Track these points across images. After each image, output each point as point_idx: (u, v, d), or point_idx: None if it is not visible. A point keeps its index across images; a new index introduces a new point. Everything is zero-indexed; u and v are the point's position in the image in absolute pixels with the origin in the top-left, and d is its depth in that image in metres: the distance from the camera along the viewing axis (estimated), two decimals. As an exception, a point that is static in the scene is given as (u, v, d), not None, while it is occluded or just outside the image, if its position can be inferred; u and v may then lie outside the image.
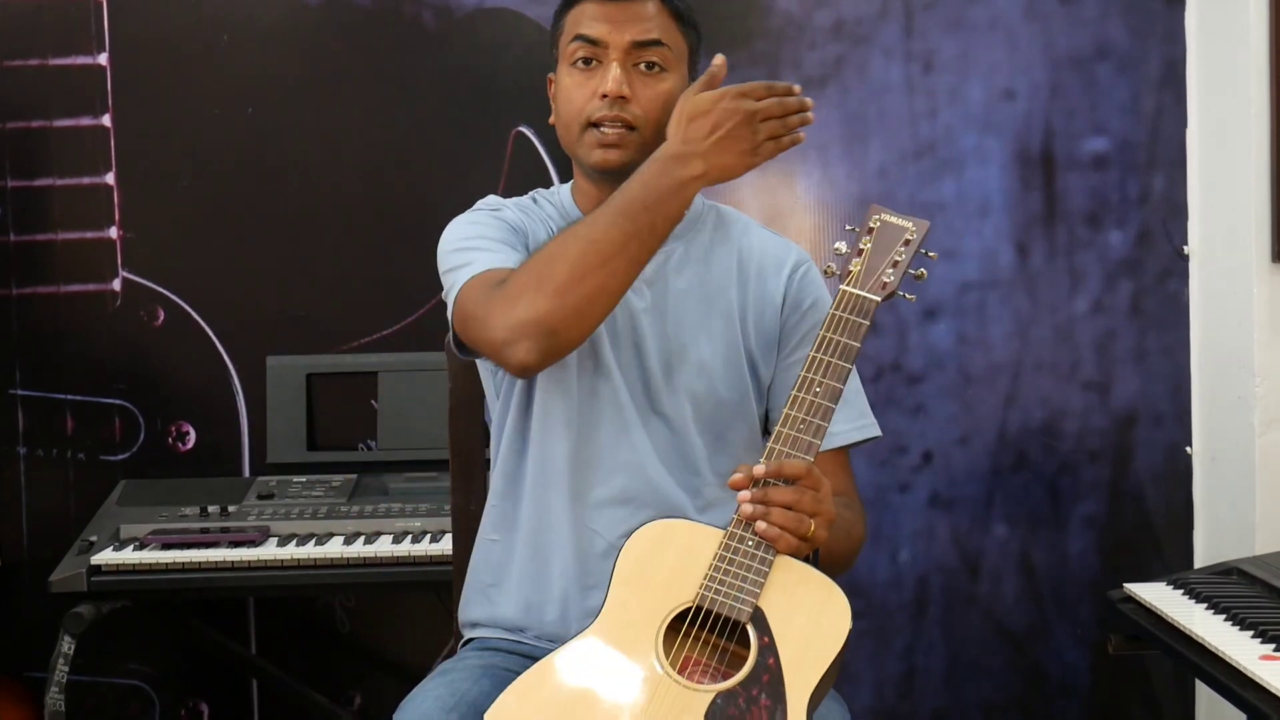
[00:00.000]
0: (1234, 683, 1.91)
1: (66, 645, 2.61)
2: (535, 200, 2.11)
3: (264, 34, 3.13)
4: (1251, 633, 2.01)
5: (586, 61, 1.97)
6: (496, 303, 1.83)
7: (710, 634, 1.74)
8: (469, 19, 3.13)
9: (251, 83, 3.13)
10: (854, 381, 2.04)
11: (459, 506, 2.17)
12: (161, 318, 3.14)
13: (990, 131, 3.15)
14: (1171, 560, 3.14)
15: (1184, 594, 2.24)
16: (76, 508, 3.11)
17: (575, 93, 1.98)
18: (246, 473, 3.15)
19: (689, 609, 1.75)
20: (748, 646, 1.72)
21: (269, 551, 2.66)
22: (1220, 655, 1.96)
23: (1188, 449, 3.14)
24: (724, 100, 1.77)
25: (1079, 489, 3.18)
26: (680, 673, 1.72)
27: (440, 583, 2.45)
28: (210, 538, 2.71)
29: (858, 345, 1.80)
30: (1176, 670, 3.13)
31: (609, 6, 1.97)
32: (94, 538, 2.74)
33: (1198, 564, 3.10)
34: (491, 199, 2.09)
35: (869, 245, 1.85)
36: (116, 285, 3.14)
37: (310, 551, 2.65)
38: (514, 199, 2.10)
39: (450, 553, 2.20)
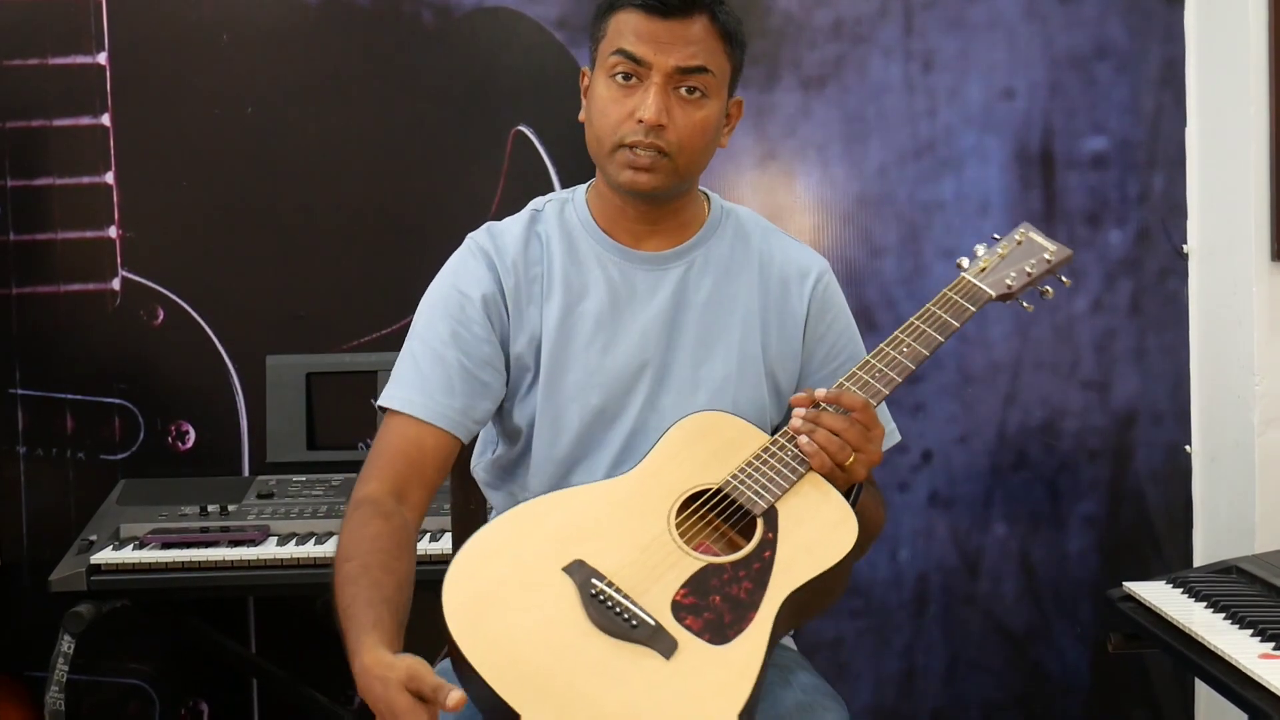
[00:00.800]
0: (1233, 681, 1.91)
1: (66, 644, 2.61)
2: (538, 212, 2.05)
3: (263, 33, 3.13)
4: (1251, 631, 2.01)
5: (626, 77, 1.91)
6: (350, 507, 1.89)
7: (724, 521, 1.81)
8: (469, 18, 3.13)
9: (251, 82, 3.13)
10: None
11: (458, 506, 2.17)
12: (161, 317, 3.14)
13: (990, 131, 3.15)
14: (1171, 559, 3.15)
15: (1183, 593, 2.24)
16: (76, 507, 3.11)
17: (611, 108, 1.92)
18: (246, 472, 3.15)
19: (712, 491, 1.82)
20: (754, 538, 1.78)
21: (269, 551, 2.66)
22: (1220, 654, 1.96)
23: (1187, 448, 3.14)
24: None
25: (1079, 488, 3.18)
26: (683, 541, 1.77)
27: (440, 582, 2.44)
28: (210, 537, 2.71)
29: (957, 325, 1.93)
30: (1176, 669, 3.13)
31: (656, 25, 1.89)
32: (94, 537, 2.74)
33: (1197, 563, 3.10)
34: (480, 238, 2.03)
35: (1005, 252, 2.03)
36: (116, 285, 3.14)
37: (310, 550, 2.65)
38: (507, 222, 2.05)
39: (450, 552, 2.20)
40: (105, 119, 3.12)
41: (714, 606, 1.70)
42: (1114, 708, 3.21)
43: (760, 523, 1.78)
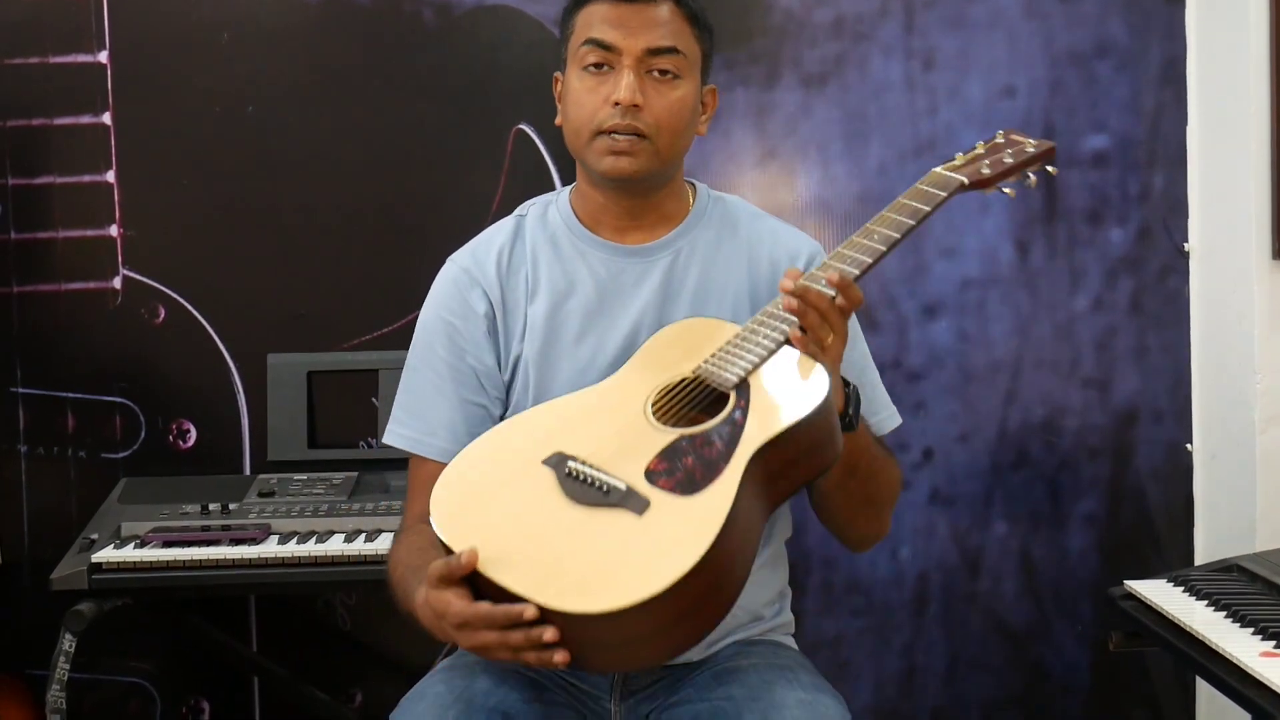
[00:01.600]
0: (1235, 680, 1.91)
1: (68, 643, 2.61)
2: (521, 217, 2.08)
3: (264, 32, 3.13)
4: (1252, 630, 2.01)
5: (598, 66, 1.94)
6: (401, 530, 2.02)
7: (701, 409, 1.83)
8: (469, 16, 3.13)
9: (252, 81, 3.13)
10: (873, 374, 2.11)
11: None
12: (162, 315, 3.14)
13: (990, 129, 3.10)
14: (1172, 557, 3.14)
15: (1184, 591, 2.24)
16: (77, 506, 3.11)
17: (586, 98, 1.94)
18: (247, 470, 3.15)
19: (686, 380, 1.85)
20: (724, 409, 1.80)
21: (270, 549, 2.66)
22: (1221, 652, 1.96)
23: (1188, 446, 3.14)
24: (444, 621, 1.69)
25: (1079, 486, 3.18)
26: (659, 423, 1.81)
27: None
28: (211, 535, 2.71)
29: (926, 209, 1.91)
30: (1177, 667, 3.13)
31: (622, 9, 1.93)
32: (95, 535, 2.74)
33: (1198, 561, 3.10)
34: (462, 260, 2.08)
35: (983, 149, 2.02)
36: (117, 283, 3.14)
37: (311, 549, 2.65)
38: (488, 234, 2.08)
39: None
40: (106, 118, 3.12)
41: (686, 467, 1.73)
42: (1114, 706, 3.21)
43: (733, 395, 1.80)
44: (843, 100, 3.14)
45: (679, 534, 1.65)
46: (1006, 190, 2.01)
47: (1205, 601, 2.17)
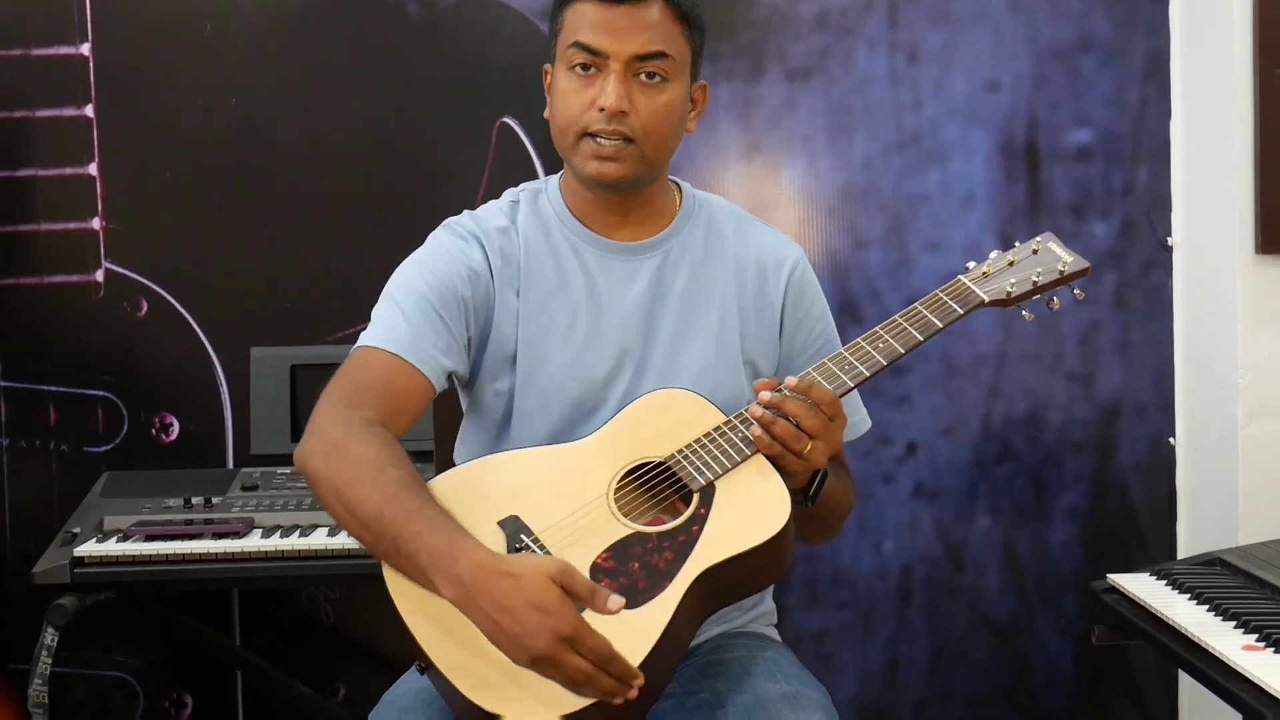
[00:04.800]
0: (1217, 673, 1.92)
1: (50, 637, 2.60)
2: (515, 203, 2.06)
3: (247, 24, 3.12)
4: (1234, 623, 2.02)
5: (585, 68, 1.91)
6: (323, 408, 1.84)
7: (664, 496, 1.83)
8: (454, 9, 3.12)
9: (235, 73, 3.12)
10: None
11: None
12: (145, 309, 3.13)
13: (975, 123, 3.16)
14: (1155, 551, 3.16)
15: (1167, 585, 2.24)
16: (59, 499, 3.10)
17: (572, 99, 1.92)
18: (230, 464, 3.14)
19: (656, 464, 1.84)
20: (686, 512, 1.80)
21: (253, 543, 2.65)
22: (1203, 646, 1.97)
23: (1171, 440, 3.15)
24: (551, 620, 1.54)
25: (1063, 480, 3.19)
26: (618, 509, 1.79)
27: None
28: (194, 529, 2.70)
29: (940, 325, 1.90)
30: (1159, 661, 3.15)
31: (611, 11, 1.89)
32: (77, 529, 2.73)
33: (1181, 555, 3.11)
34: (464, 221, 2.02)
35: (1016, 259, 1.97)
36: (99, 276, 3.13)
37: (294, 543, 2.65)
38: (487, 208, 2.05)
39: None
40: (89, 110, 3.11)
41: (631, 573, 1.72)
42: (1097, 699, 3.22)
43: (696, 498, 1.80)
44: (827, 94, 3.14)
45: None
46: (1025, 314, 1.99)
47: (1188, 595, 2.17)
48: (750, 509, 1.78)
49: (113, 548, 2.64)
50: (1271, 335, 2.90)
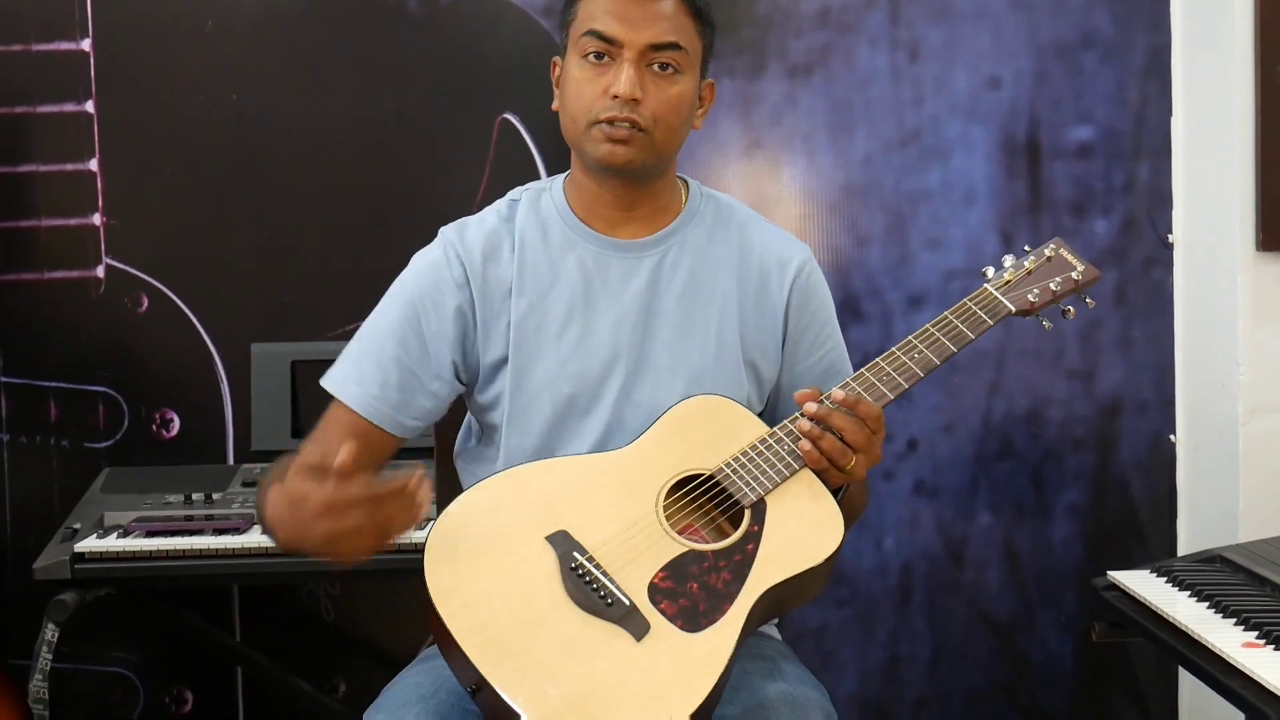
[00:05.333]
0: (1217, 670, 1.91)
1: (50, 633, 2.60)
2: (515, 202, 2.06)
3: (248, 20, 3.12)
4: (1234, 620, 2.02)
5: (599, 56, 1.92)
6: (270, 483, 1.88)
7: (713, 507, 1.83)
8: (454, 5, 3.12)
9: (236, 69, 3.12)
10: (846, 369, 2.11)
11: (442, 496, 2.16)
12: (145, 304, 3.13)
13: (976, 120, 3.15)
14: (1155, 548, 3.15)
15: (1167, 582, 2.24)
16: (60, 495, 3.10)
17: (585, 88, 1.93)
18: (231, 460, 3.14)
19: (704, 477, 1.83)
20: (739, 529, 1.79)
21: (253, 539, 2.65)
22: (1203, 643, 1.97)
23: (1171, 437, 3.15)
24: (308, 507, 1.69)
25: (1063, 477, 3.18)
26: (669, 524, 1.79)
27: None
28: (194, 525, 2.70)
29: (972, 337, 1.96)
30: (1160, 658, 3.14)
31: (626, 3, 1.91)
32: (78, 525, 2.73)
33: (1181, 552, 3.11)
34: (450, 235, 2.04)
35: (1033, 266, 2.02)
36: (100, 272, 3.13)
37: (295, 539, 2.65)
38: (481, 215, 2.06)
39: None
40: (89, 106, 3.11)
41: (691, 594, 1.71)
42: (1098, 696, 3.22)
43: (748, 514, 1.79)
44: (828, 91, 3.14)
45: (672, 678, 1.64)
46: (1045, 323, 2.05)
47: (1188, 592, 2.17)
48: (803, 527, 1.79)
49: (113, 543, 2.64)
50: (1272, 333, 2.90)
